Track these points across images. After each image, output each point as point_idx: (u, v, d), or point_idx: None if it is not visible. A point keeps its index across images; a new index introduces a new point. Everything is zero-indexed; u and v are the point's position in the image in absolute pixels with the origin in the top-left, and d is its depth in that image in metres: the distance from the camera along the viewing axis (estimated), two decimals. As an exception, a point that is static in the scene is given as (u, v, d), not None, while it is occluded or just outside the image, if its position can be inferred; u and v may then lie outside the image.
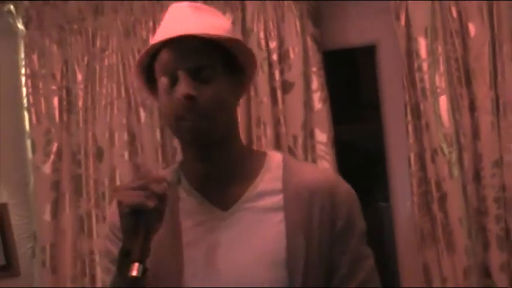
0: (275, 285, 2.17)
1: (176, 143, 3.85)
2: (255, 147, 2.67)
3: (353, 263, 2.26)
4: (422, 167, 3.93)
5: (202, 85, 2.21)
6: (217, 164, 2.32)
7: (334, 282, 2.24)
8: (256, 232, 2.24)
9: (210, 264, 2.20)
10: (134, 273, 2.00)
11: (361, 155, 4.53)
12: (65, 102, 4.32)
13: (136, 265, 2.01)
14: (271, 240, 2.22)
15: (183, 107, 2.18)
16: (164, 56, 2.25)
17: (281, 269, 2.18)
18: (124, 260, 2.05)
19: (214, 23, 2.33)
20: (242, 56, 2.36)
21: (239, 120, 3.86)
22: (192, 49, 2.24)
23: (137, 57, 2.37)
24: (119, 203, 2.08)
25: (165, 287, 2.22)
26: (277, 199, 2.27)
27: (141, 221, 2.06)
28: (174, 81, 2.23)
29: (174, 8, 2.38)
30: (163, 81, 2.25)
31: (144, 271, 2.01)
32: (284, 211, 2.25)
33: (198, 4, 2.51)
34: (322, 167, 3.83)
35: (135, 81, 2.46)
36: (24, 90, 4.35)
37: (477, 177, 3.87)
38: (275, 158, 2.40)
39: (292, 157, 2.90)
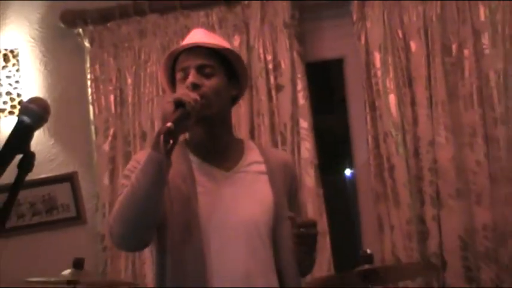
0: (267, 220, 2.42)
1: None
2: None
3: (297, 197, 2.65)
4: (377, 146, 4.02)
5: (205, 79, 2.40)
6: (218, 141, 2.49)
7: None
8: (253, 187, 2.47)
9: (221, 207, 2.38)
10: (169, 124, 2.14)
11: (334, 136, 4.57)
12: (118, 99, 4.34)
13: (170, 124, 2.14)
14: (263, 192, 2.46)
15: (189, 92, 2.35)
16: (181, 58, 2.46)
17: (270, 211, 2.43)
18: (157, 137, 2.19)
19: (218, 41, 2.53)
20: (239, 68, 2.52)
21: (244, 113, 4.10)
22: (199, 53, 2.43)
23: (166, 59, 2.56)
24: (173, 96, 2.28)
25: (184, 226, 2.37)
26: (262, 167, 2.51)
27: (181, 109, 2.21)
28: (186, 76, 2.41)
29: (193, 30, 2.61)
30: (179, 75, 2.44)
31: (173, 131, 2.15)
32: (267, 175, 2.50)
33: (210, 32, 2.72)
34: (279, 149, 3.95)
35: (161, 79, 2.66)
36: (89, 90, 4.37)
37: (416, 153, 3.97)
38: (249, 142, 2.65)
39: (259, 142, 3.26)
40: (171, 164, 2.26)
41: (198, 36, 2.54)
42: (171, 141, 2.20)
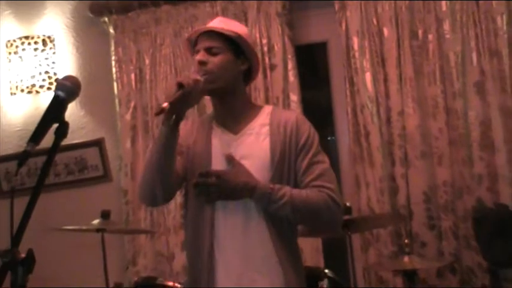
0: (262, 174, 2.38)
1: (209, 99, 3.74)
2: (257, 103, 2.93)
3: (309, 165, 2.44)
4: (355, 116, 4.03)
5: (212, 57, 2.41)
6: (231, 108, 2.50)
7: (298, 178, 2.44)
8: (253, 148, 2.44)
9: (225, 167, 2.39)
10: (164, 105, 2.18)
11: (319, 108, 4.58)
12: (138, 77, 4.34)
13: (166, 104, 2.19)
14: (262, 151, 2.42)
15: (198, 68, 2.40)
16: (198, 41, 2.47)
17: (266, 166, 2.41)
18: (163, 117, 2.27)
19: (231, 26, 2.50)
20: (244, 47, 2.48)
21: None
22: (209, 37, 2.45)
23: (186, 41, 2.58)
24: (175, 80, 2.32)
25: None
26: (266, 129, 2.47)
27: (181, 90, 2.24)
28: None
29: (216, 18, 2.61)
30: (195, 55, 2.46)
31: (172, 109, 2.21)
32: (269, 136, 2.45)
33: (227, 19, 2.75)
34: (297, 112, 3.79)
35: (189, 53, 2.69)
36: (113, 69, 4.38)
37: (388, 122, 3.99)
38: (267, 108, 2.59)
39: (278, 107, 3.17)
40: (178, 132, 2.33)
41: (213, 23, 2.54)
42: (174, 117, 2.28)
